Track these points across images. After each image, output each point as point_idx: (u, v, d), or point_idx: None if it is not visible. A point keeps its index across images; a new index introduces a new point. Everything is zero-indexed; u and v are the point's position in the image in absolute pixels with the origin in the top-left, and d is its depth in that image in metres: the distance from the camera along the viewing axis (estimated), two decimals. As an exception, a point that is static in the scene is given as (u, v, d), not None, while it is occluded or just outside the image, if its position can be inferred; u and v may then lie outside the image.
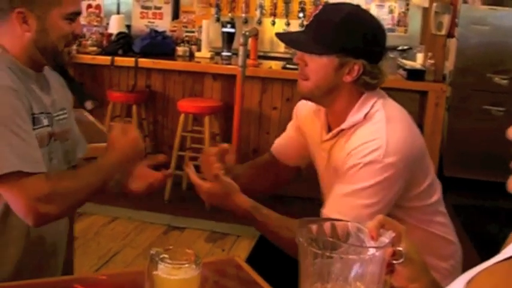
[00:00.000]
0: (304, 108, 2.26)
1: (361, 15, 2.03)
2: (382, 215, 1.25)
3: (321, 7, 2.06)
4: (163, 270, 1.45)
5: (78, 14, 1.97)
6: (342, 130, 2.04)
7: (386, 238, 1.17)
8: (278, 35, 2.15)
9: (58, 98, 2.08)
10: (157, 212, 4.91)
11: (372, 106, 2.00)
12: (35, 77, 1.97)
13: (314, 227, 1.22)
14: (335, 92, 2.02)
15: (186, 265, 1.47)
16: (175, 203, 5.16)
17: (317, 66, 2.00)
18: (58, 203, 1.82)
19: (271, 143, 2.45)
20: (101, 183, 1.94)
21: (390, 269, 1.22)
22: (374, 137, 1.93)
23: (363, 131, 1.98)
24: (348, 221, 1.26)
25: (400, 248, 1.18)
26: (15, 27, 1.89)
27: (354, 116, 2.01)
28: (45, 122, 1.93)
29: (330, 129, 2.11)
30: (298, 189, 5.30)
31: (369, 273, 1.13)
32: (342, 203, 1.93)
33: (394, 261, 1.17)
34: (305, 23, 6.01)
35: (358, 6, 2.08)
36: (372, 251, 1.14)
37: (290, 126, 2.38)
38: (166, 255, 1.47)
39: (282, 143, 2.40)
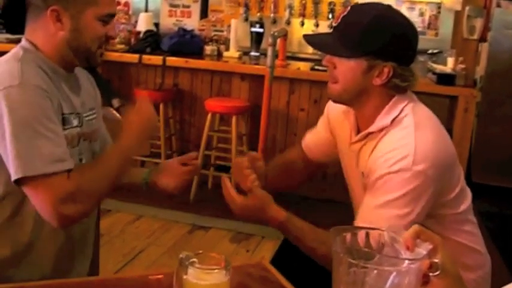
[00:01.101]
0: (335, 107, 2.23)
1: (391, 15, 1.97)
2: (418, 225, 1.22)
3: (349, 8, 2.01)
4: (193, 275, 1.43)
5: (112, 15, 1.96)
6: (370, 133, 2.00)
7: (423, 250, 1.14)
8: (305, 37, 2.10)
9: (87, 98, 2.07)
10: (183, 211, 4.91)
11: (402, 110, 1.96)
12: (65, 77, 1.96)
13: (348, 235, 1.20)
14: (364, 95, 1.98)
15: (216, 270, 1.45)
16: (200, 202, 5.15)
17: (345, 69, 1.96)
18: (83, 201, 1.82)
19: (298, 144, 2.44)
20: (123, 167, 1.93)
21: (425, 280, 1.19)
22: (402, 144, 1.88)
23: (391, 137, 1.94)
24: (383, 230, 1.23)
25: (437, 260, 1.15)
26: (49, 25, 1.88)
27: (382, 120, 1.97)
28: (75, 122, 1.93)
29: (359, 131, 2.07)
30: (323, 191, 5.29)
31: (405, 285, 1.11)
32: (375, 215, 1.88)
33: (431, 274, 1.14)
34: (334, 24, 5.95)
35: (388, 6, 2.01)
36: (408, 262, 1.12)
37: (320, 122, 2.35)
38: (195, 260, 1.45)
39: (312, 138, 2.38)
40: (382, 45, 1.92)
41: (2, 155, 1.78)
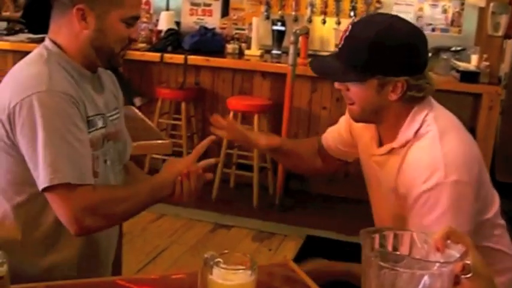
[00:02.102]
0: None
1: (393, 27, 1.87)
2: (448, 226, 1.20)
3: (350, 27, 1.92)
4: (218, 275, 1.42)
5: (137, 18, 1.95)
6: (393, 148, 1.96)
7: (455, 252, 1.12)
8: (311, 63, 2.06)
9: (110, 97, 2.06)
10: (205, 210, 4.91)
11: (423, 121, 1.90)
12: (89, 77, 1.95)
13: (377, 237, 1.18)
14: (383, 111, 1.93)
15: (241, 270, 1.44)
16: (222, 201, 5.15)
17: (358, 91, 1.91)
18: (103, 217, 1.84)
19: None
20: (149, 203, 1.93)
21: (455, 281, 1.17)
22: (430, 158, 1.83)
23: (417, 151, 1.88)
24: (412, 231, 1.21)
25: (469, 262, 1.12)
26: (74, 23, 1.88)
27: (405, 134, 1.92)
28: (100, 123, 1.92)
29: (380, 143, 2.03)
30: (345, 190, 5.26)
31: (437, 288, 1.09)
32: None
33: (463, 276, 1.12)
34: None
35: (389, 17, 1.94)
36: (439, 265, 1.09)
37: (342, 122, 2.32)
38: (220, 260, 1.44)
39: (332, 135, 2.35)
40: (390, 61, 1.85)
41: (28, 158, 1.78)
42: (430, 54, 2.02)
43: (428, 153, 1.85)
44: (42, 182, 1.75)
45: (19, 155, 1.81)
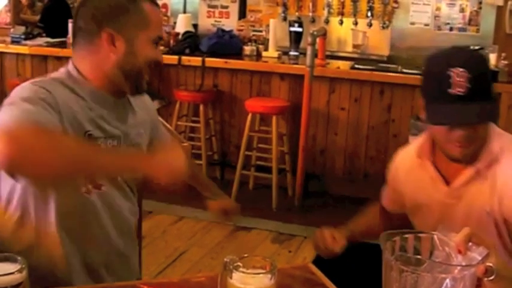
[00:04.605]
0: (403, 167, 2.14)
1: (479, 52, 1.93)
2: (468, 228, 1.19)
3: (461, 70, 1.78)
4: (238, 279, 1.42)
5: (161, 38, 1.97)
6: (478, 171, 1.90)
7: (477, 255, 1.11)
8: (450, 119, 1.85)
9: (136, 123, 2.03)
10: (224, 212, 4.90)
11: (498, 135, 1.91)
12: (112, 104, 1.94)
13: (397, 240, 1.17)
14: None
15: (261, 274, 1.43)
16: (242, 203, 5.08)
17: (487, 126, 1.88)
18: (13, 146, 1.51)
19: (338, 144, 2.41)
20: (114, 165, 1.70)
21: (477, 283, 1.16)
22: None
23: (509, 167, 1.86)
24: (433, 234, 1.21)
25: (491, 265, 1.12)
26: (101, 49, 1.87)
27: (491, 151, 1.89)
28: (102, 146, 1.87)
29: (445, 179, 1.98)
30: (365, 190, 5.25)
31: (459, 291, 1.08)
32: None
33: (486, 279, 1.11)
34: (373, 21, 5.83)
35: (465, 46, 1.97)
36: (461, 268, 1.09)
37: (388, 185, 2.28)
38: (240, 264, 1.44)
39: (387, 198, 2.31)
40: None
41: None
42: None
43: None
44: None
45: None
